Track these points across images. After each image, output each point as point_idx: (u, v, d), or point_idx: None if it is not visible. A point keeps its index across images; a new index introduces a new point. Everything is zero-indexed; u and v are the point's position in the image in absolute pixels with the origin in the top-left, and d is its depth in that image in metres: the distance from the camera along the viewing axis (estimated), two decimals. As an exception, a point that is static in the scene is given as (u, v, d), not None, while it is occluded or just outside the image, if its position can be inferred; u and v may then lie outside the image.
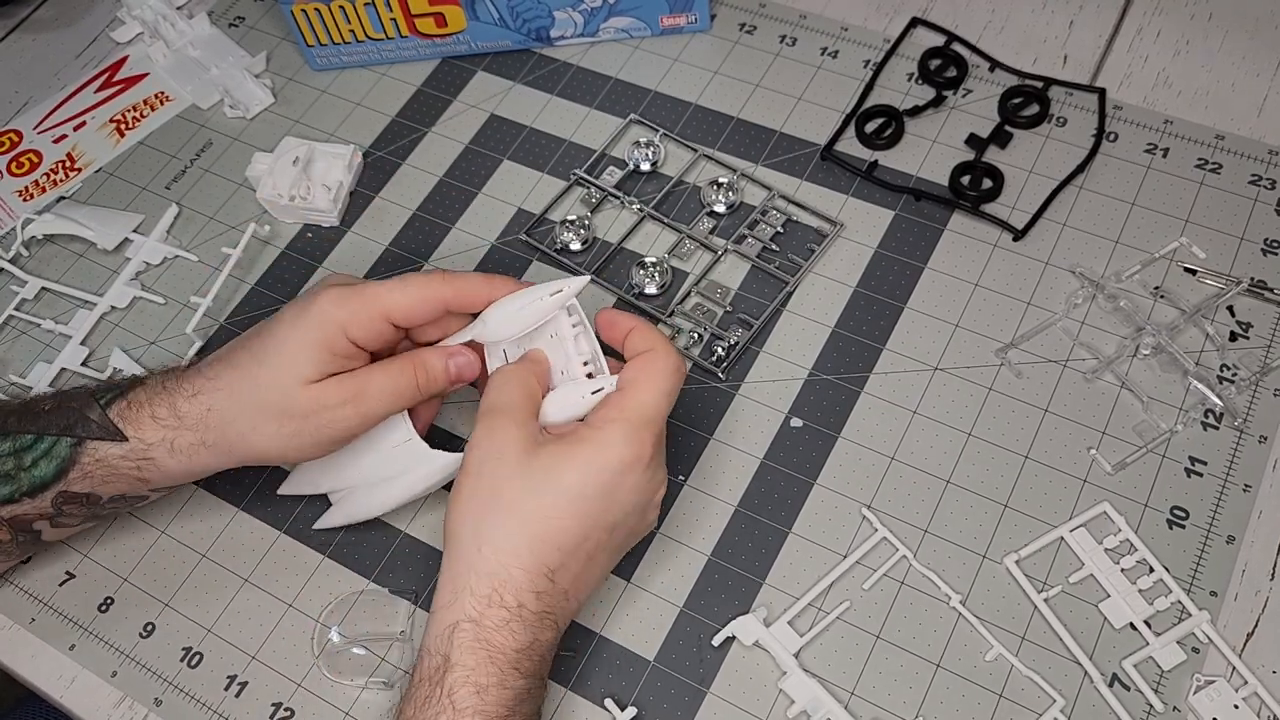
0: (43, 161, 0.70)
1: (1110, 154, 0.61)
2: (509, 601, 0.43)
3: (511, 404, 0.46)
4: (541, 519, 0.43)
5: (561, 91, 0.68)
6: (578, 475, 0.44)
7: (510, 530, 0.43)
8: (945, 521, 0.52)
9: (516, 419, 0.45)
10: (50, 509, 0.48)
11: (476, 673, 0.42)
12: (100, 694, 0.52)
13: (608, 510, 0.44)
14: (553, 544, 0.43)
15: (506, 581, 0.43)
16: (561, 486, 0.44)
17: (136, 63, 0.74)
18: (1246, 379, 0.53)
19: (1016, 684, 0.48)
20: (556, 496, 0.43)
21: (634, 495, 0.45)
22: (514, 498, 0.44)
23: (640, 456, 0.44)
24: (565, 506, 0.43)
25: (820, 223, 0.61)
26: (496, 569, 0.43)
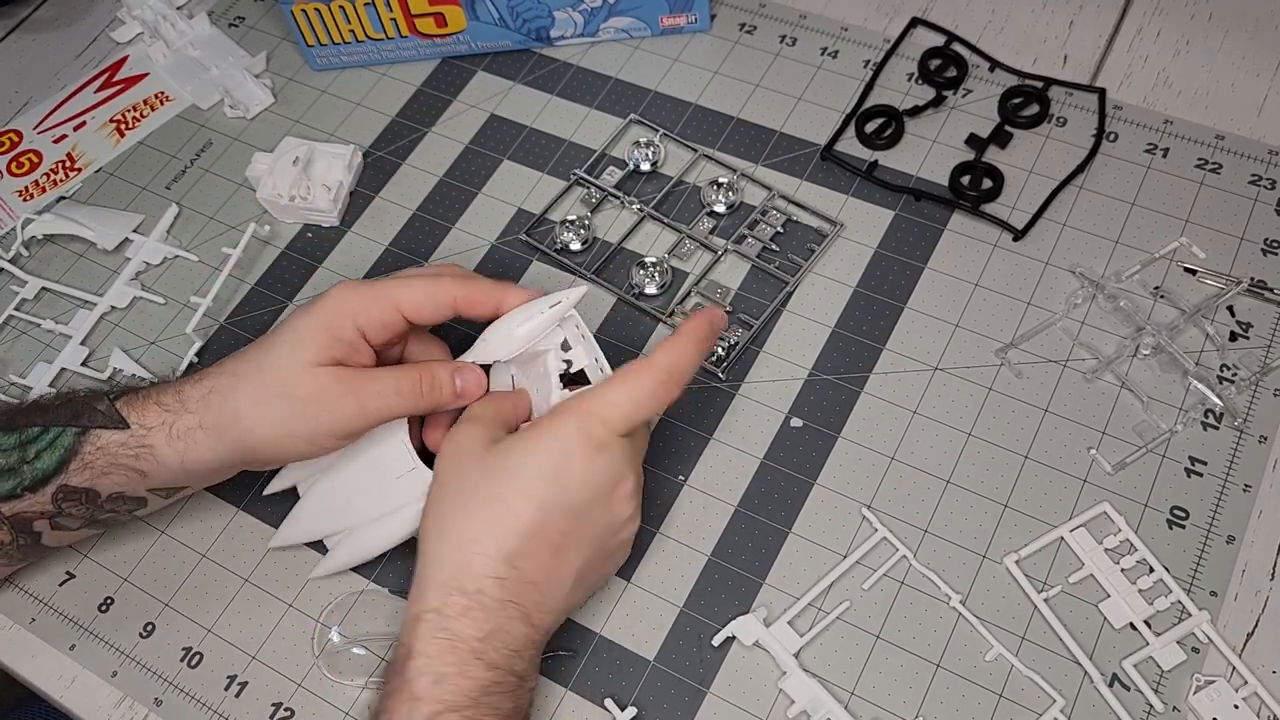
0: (43, 161, 0.70)
1: (1110, 154, 0.62)
2: (468, 588, 0.43)
3: (480, 415, 0.48)
4: (494, 502, 0.44)
5: (561, 91, 0.68)
6: (525, 458, 0.44)
7: (466, 517, 0.44)
8: (945, 521, 0.52)
9: (481, 424, 0.47)
10: (50, 506, 0.48)
11: (435, 661, 0.42)
12: (100, 694, 0.52)
13: (561, 492, 0.44)
14: (508, 528, 0.44)
15: (465, 568, 0.43)
16: (511, 469, 0.44)
17: (136, 63, 0.74)
18: (1246, 379, 0.54)
19: (1016, 684, 0.48)
20: (508, 480, 0.44)
21: (591, 481, 0.45)
22: (470, 487, 0.45)
23: (586, 442, 0.44)
24: (516, 489, 0.44)
25: (820, 223, 0.61)
26: (455, 557, 0.44)
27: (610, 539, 0.47)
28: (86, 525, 0.50)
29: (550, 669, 0.50)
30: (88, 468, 0.47)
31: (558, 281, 0.61)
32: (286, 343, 0.47)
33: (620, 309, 0.60)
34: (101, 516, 0.49)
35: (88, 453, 0.47)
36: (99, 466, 0.47)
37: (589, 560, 0.46)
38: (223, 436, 0.47)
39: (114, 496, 0.48)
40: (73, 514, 0.49)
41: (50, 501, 0.48)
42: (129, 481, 0.48)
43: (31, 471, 0.47)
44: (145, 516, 0.56)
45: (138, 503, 0.50)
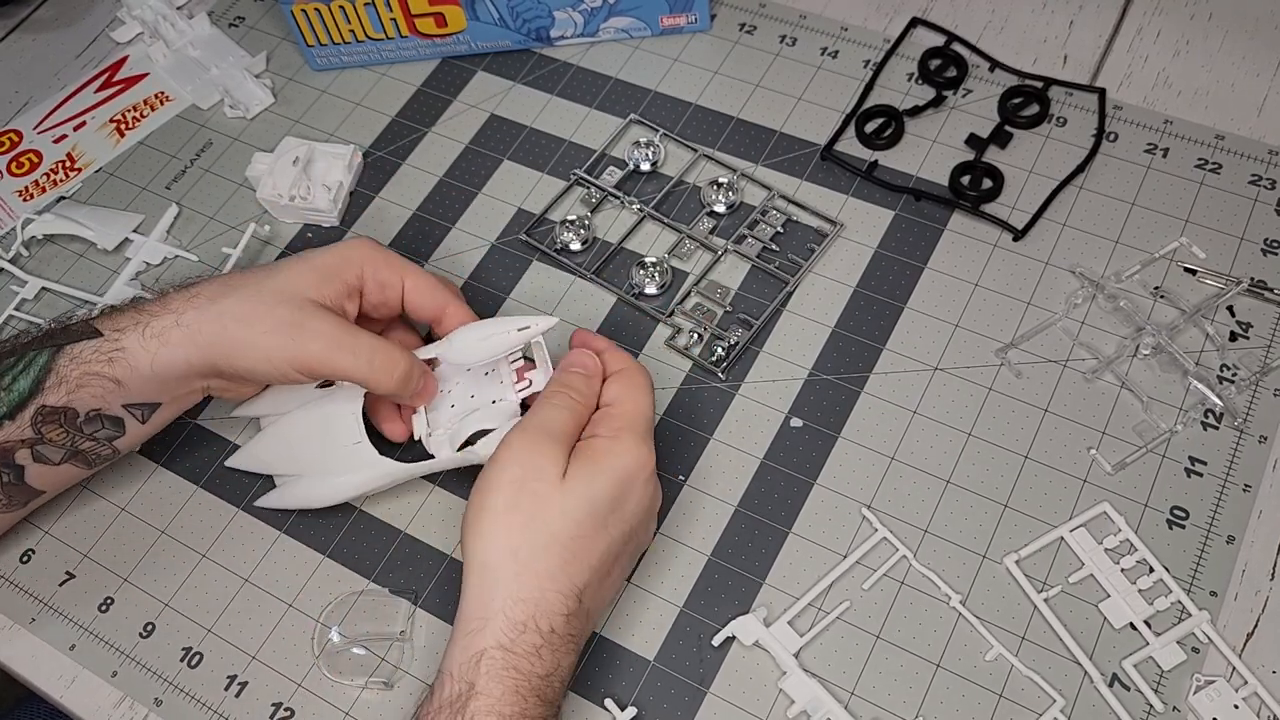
0: (43, 161, 0.70)
1: (1110, 154, 0.62)
2: (543, 627, 0.42)
3: (561, 428, 0.46)
4: (576, 538, 0.43)
5: (561, 91, 0.68)
6: (602, 481, 0.44)
7: (550, 553, 0.43)
8: (945, 521, 0.52)
9: (561, 443, 0.45)
10: (30, 432, 0.47)
11: (502, 702, 0.41)
12: (100, 694, 0.52)
13: (623, 518, 0.45)
14: (584, 562, 0.43)
15: (542, 606, 0.42)
16: (591, 501, 0.44)
17: (136, 63, 0.74)
18: (1246, 379, 0.54)
19: (1016, 684, 0.48)
20: (587, 513, 0.43)
21: (643, 502, 0.46)
22: (552, 519, 0.43)
23: (648, 461, 0.46)
24: (594, 521, 0.44)
25: (820, 223, 0.61)
26: (534, 594, 0.42)
27: (637, 553, 0.49)
28: (70, 458, 0.49)
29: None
30: (63, 382, 0.47)
31: (557, 281, 0.61)
32: (293, 270, 0.49)
33: (620, 309, 0.60)
34: (82, 446, 0.49)
35: (62, 366, 0.47)
36: (74, 379, 0.47)
37: (623, 576, 0.48)
38: (196, 336, 0.47)
39: (91, 416, 0.48)
40: (53, 440, 0.48)
41: (30, 426, 0.47)
42: (104, 393, 0.48)
43: (9, 399, 0.47)
44: (145, 512, 0.56)
45: (115, 425, 0.49)
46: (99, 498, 0.57)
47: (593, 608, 0.45)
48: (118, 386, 0.48)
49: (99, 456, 0.50)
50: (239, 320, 0.47)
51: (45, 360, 0.48)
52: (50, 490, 0.52)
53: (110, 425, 0.49)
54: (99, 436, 0.49)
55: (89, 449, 0.49)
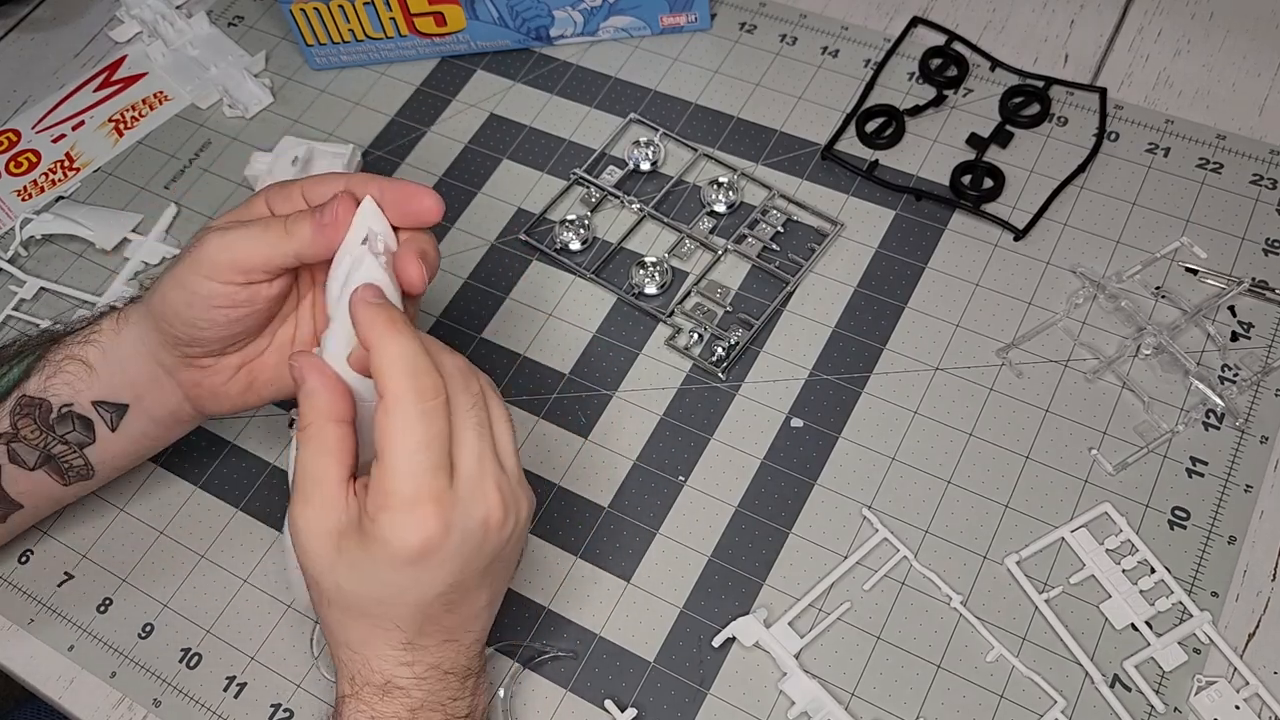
0: (41, 161, 0.70)
1: (1111, 154, 0.61)
2: (375, 680, 0.41)
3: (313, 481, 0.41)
4: (366, 616, 0.41)
5: (561, 91, 0.68)
6: (379, 578, 0.40)
7: (344, 623, 0.41)
8: (946, 522, 0.51)
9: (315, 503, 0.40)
10: (7, 425, 0.48)
11: None
12: (99, 695, 0.51)
13: (430, 585, 0.40)
14: (391, 628, 0.41)
15: (364, 665, 0.42)
16: (369, 589, 0.40)
17: (135, 62, 0.74)
18: (1248, 379, 0.53)
19: (1017, 685, 0.47)
20: (371, 597, 0.40)
21: (451, 560, 0.40)
22: (334, 596, 0.41)
23: (426, 537, 0.38)
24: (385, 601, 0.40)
25: (820, 222, 0.61)
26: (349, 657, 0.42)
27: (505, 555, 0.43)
28: (43, 463, 0.48)
29: (550, 670, 0.50)
30: (46, 366, 0.48)
31: (557, 281, 0.61)
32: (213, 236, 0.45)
33: (620, 309, 0.59)
34: (54, 449, 0.48)
35: (50, 352, 0.48)
36: (55, 362, 0.48)
37: (495, 587, 0.44)
38: (145, 307, 0.47)
39: (63, 413, 0.48)
40: (27, 437, 0.48)
41: (8, 418, 0.48)
42: (75, 380, 0.48)
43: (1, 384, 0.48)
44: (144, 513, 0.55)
45: (84, 427, 0.48)
46: (98, 498, 0.56)
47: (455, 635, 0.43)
48: (89, 371, 0.48)
49: (71, 468, 0.49)
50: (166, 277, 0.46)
51: (41, 349, 0.49)
52: (28, 504, 0.50)
53: (80, 426, 0.48)
54: (69, 440, 0.48)
55: (60, 454, 0.48)
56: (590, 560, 0.52)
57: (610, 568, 0.52)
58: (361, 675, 0.42)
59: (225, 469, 0.57)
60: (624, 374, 0.57)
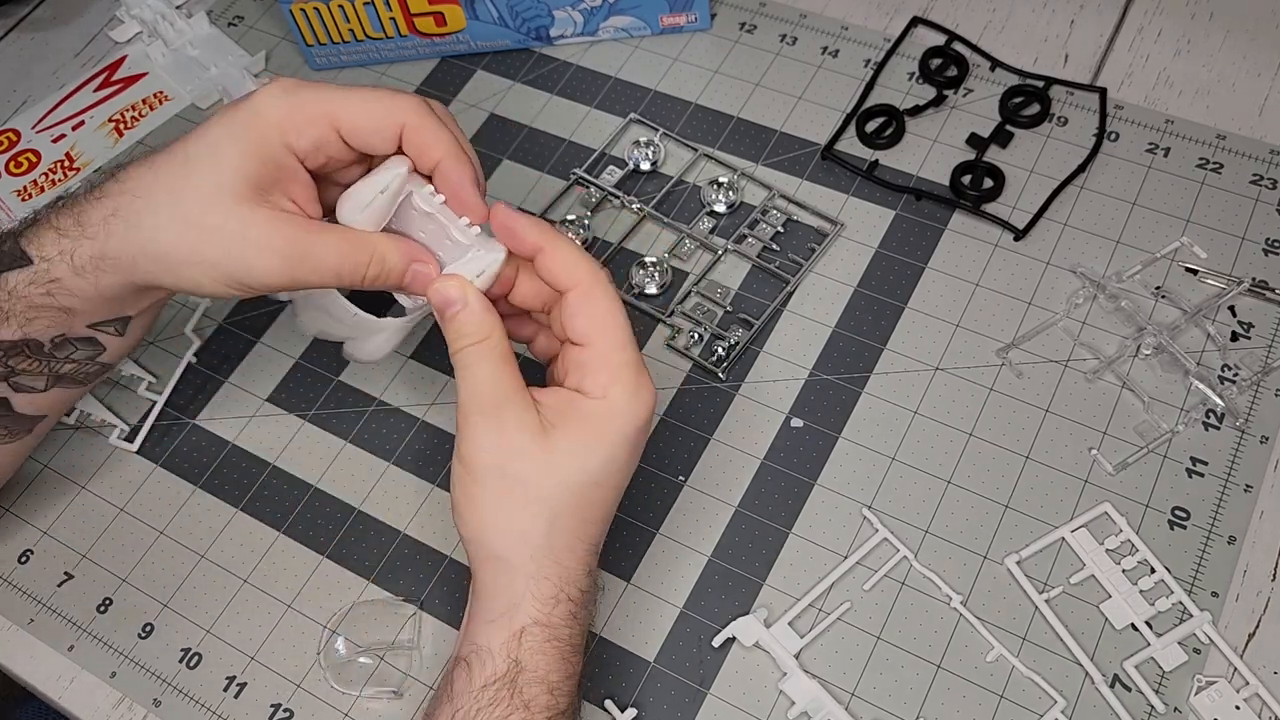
0: (41, 161, 0.70)
1: (1111, 154, 0.61)
2: (574, 594, 0.42)
3: (504, 390, 0.42)
4: (582, 508, 0.42)
5: (561, 91, 0.68)
6: (605, 453, 0.42)
7: (560, 527, 0.42)
8: (946, 522, 0.51)
9: (516, 405, 0.42)
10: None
11: (550, 673, 0.41)
12: (99, 695, 0.51)
13: (626, 469, 0.44)
14: (595, 521, 0.43)
15: (566, 576, 0.42)
16: (593, 469, 0.42)
17: (135, 62, 0.74)
18: (1248, 379, 0.53)
19: (1017, 685, 0.47)
20: (591, 479, 0.42)
21: (642, 445, 0.44)
22: (549, 495, 0.41)
23: (652, 404, 0.43)
24: (604, 484, 0.42)
25: (820, 222, 0.61)
26: (556, 569, 0.42)
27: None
28: (56, 383, 0.47)
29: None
30: (10, 317, 0.44)
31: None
32: (207, 167, 0.41)
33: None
34: (64, 369, 0.46)
35: (1, 301, 0.44)
36: (20, 313, 0.44)
37: None
38: (131, 268, 0.43)
39: (58, 342, 0.45)
40: (29, 370, 0.45)
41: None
42: (60, 323, 0.44)
43: None
44: (144, 513, 0.55)
45: (89, 345, 0.46)
46: (98, 498, 0.56)
47: (602, 542, 0.45)
48: (70, 315, 0.44)
49: (87, 374, 0.47)
50: (164, 251, 0.42)
51: None
52: (51, 413, 0.48)
53: (84, 345, 0.46)
54: (77, 358, 0.46)
55: (72, 370, 0.46)
56: (590, 560, 0.52)
57: (610, 568, 0.52)
58: (562, 591, 0.42)
59: (225, 469, 0.57)
60: (624, 374, 0.57)
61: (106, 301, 0.45)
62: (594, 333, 0.43)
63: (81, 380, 0.48)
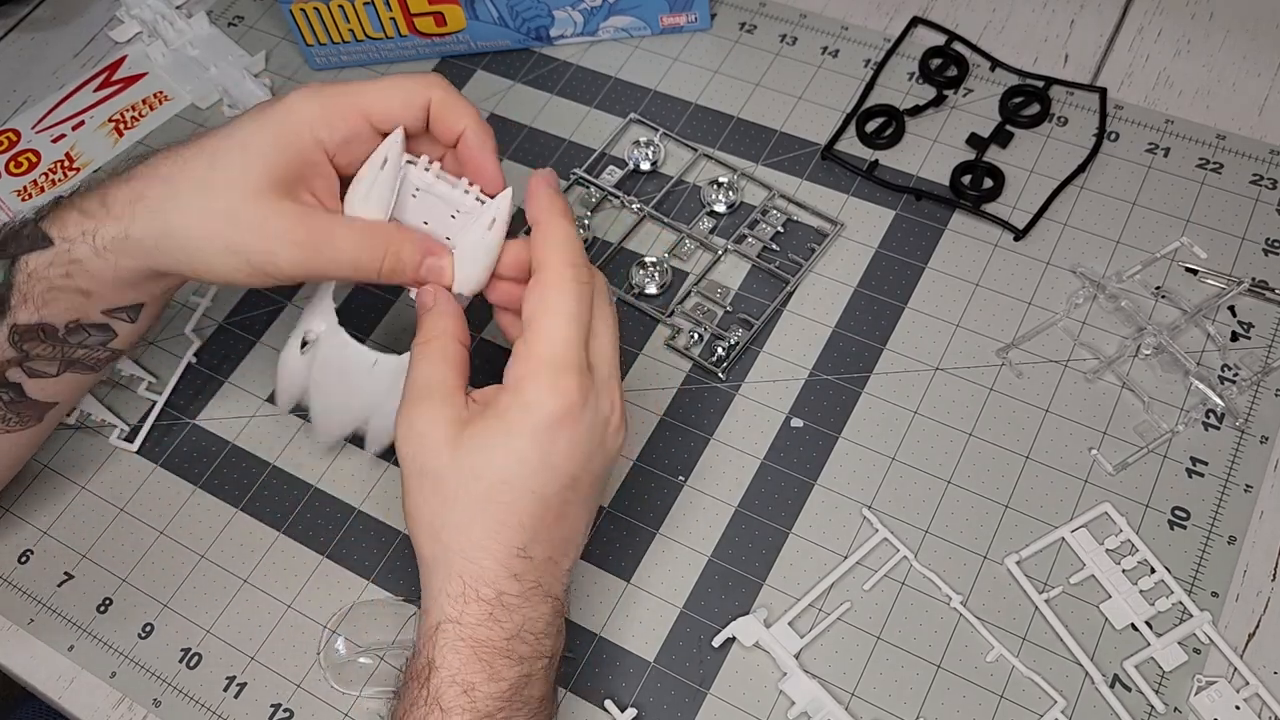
0: (41, 161, 0.70)
1: (1111, 154, 0.61)
2: (486, 594, 0.41)
3: (428, 385, 0.42)
4: (491, 503, 0.41)
5: (561, 91, 0.68)
6: (512, 448, 0.40)
7: (464, 523, 0.41)
8: (946, 522, 0.51)
9: (435, 400, 0.42)
10: (13, 352, 0.45)
11: (462, 672, 0.40)
12: (99, 695, 0.51)
13: (557, 469, 0.41)
14: (513, 524, 0.41)
15: (478, 575, 0.41)
16: (499, 466, 0.40)
17: (135, 62, 0.74)
18: (1248, 379, 0.53)
19: (1017, 685, 0.47)
20: (498, 477, 0.40)
21: (581, 444, 0.41)
22: (456, 488, 0.41)
23: (569, 405, 0.40)
24: (512, 483, 0.40)
25: (820, 222, 0.61)
26: (463, 565, 0.41)
27: (604, 473, 0.44)
28: (68, 368, 0.47)
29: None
30: (27, 300, 0.44)
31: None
32: (235, 160, 0.43)
33: (620, 309, 0.59)
34: (76, 355, 0.46)
35: (20, 283, 0.44)
36: (37, 295, 0.44)
37: (593, 502, 0.44)
38: (152, 251, 0.44)
39: (72, 328, 0.45)
40: (41, 355, 0.46)
41: (10, 346, 0.45)
42: (76, 307, 0.45)
43: None
44: (145, 513, 0.55)
45: (102, 331, 0.46)
46: (98, 498, 0.56)
47: (557, 553, 0.43)
48: (86, 298, 0.45)
49: (98, 360, 0.48)
50: (193, 235, 0.43)
51: (2, 277, 0.44)
52: (64, 400, 0.49)
53: (97, 332, 0.46)
54: (89, 344, 0.46)
55: (84, 356, 0.47)
56: (590, 560, 0.52)
57: (610, 568, 0.52)
58: (472, 589, 0.41)
59: (225, 469, 0.57)
60: (624, 374, 0.57)
61: (124, 286, 0.46)
62: (531, 321, 0.42)
63: (92, 367, 0.48)
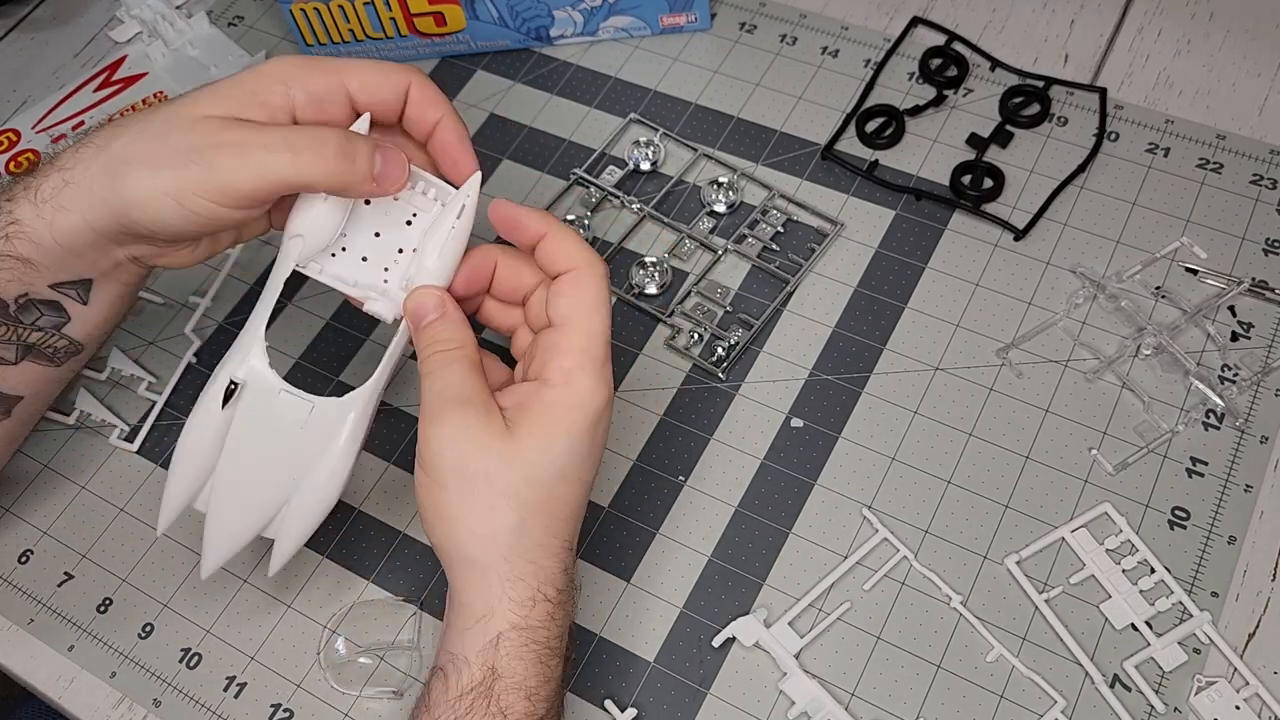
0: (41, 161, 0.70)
1: (1111, 154, 0.61)
2: (549, 593, 0.41)
3: (463, 391, 0.41)
4: (550, 502, 0.41)
5: (561, 91, 0.68)
6: (565, 442, 0.41)
7: (531, 525, 0.41)
8: (946, 522, 0.51)
9: (478, 405, 0.41)
10: None
11: (528, 678, 0.40)
12: (99, 695, 0.51)
13: (595, 457, 0.43)
14: (566, 516, 0.42)
15: (542, 575, 0.41)
16: (558, 461, 0.41)
17: (135, 62, 0.74)
18: (1248, 379, 0.53)
19: (1017, 685, 0.47)
20: (556, 472, 0.41)
21: (606, 431, 0.43)
22: (517, 493, 0.40)
23: (609, 396, 0.42)
24: (569, 477, 0.41)
25: (820, 222, 0.61)
26: (530, 569, 0.41)
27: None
28: (26, 355, 0.46)
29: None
30: None
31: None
32: (198, 94, 0.42)
33: (620, 309, 0.59)
34: (30, 339, 0.46)
35: None
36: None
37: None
38: (89, 193, 0.42)
39: (23, 304, 0.44)
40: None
41: None
42: (19, 275, 0.43)
43: None
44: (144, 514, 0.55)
45: (54, 311, 0.45)
46: (98, 498, 0.56)
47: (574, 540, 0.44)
48: (28, 266, 0.43)
49: (56, 350, 0.46)
50: (130, 163, 0.41)
51: None
52: (27, 393, 0.48)
53: (48, 310, 0.45)
54: (42, 325, 0.45)
55: (39, 341, 0.46)
56: (590, 560, 0.52)
57: (610, 568, 0.52)
58: (539, 592, 0.41)
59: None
60: (624, 374, 0.57)
61: (65, 254, 0.44)
62: (574, 315, 0.42)
63: (51, 357, 0.47)
